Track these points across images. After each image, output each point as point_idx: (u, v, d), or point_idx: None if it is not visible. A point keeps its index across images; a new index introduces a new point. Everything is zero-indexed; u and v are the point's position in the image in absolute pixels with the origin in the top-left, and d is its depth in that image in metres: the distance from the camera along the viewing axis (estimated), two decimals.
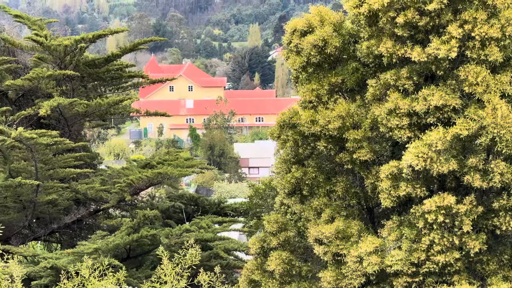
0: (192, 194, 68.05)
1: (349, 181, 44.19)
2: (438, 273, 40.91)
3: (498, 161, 39.21)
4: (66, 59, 58.82)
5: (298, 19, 45.80)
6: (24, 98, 58.83)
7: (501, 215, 41.23)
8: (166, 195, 61.94)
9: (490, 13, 41.38)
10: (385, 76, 41.43)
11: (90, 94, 60.27)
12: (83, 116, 57.47)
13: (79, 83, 59.25)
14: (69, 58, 58.92)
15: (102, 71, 60.38)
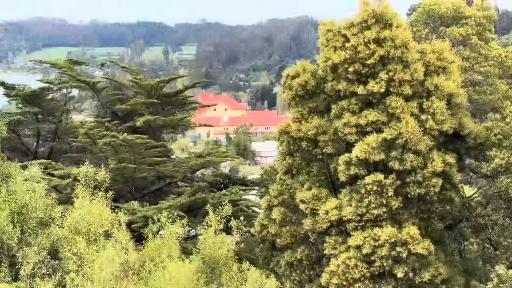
0: (226, 173, 70.78)
1: (321, 166, 50.62)
2: (374, 220, 46.06)
3: (409, 154, 45.25)
4: (152, 92, 63.46)
5: (290, 68, 52.32)
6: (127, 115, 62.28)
7: (410, 186, 46.39)
8: (211, 173, 65.02)
9: (404, 65, 46.86)
10: (342, 103, 47.80)
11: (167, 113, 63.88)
12: (162, 126, 61.94)
13: (160, 106, 62.57)
14: (154, 91, 63.36)
15: (173, 99, 65.66)
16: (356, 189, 46.91)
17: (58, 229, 38.10)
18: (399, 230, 45.85)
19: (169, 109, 60.45)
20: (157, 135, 57.66)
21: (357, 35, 47.30)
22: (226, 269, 34.12)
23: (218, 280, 32.96)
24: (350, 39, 47.29)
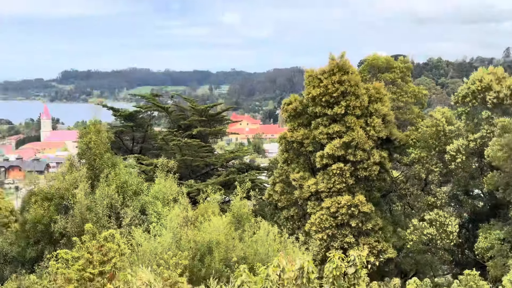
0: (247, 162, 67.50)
1: (305, 158, 50.15)
2: (337, 191, 45.61)
3: (358, 151, 45.08)
4: (202, 113, 61.89)
5: (286, 99, 51.92)
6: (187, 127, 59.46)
7: (359, 170, 46.23)
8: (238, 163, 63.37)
9: (356, 97, 46.49)
10: (317, 120, 47.64)
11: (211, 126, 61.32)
12: (208, 134, 60.45)
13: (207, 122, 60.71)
14: (203, 113, 61.89)
15: (215, 117, 64.17)
16: (327, 172, 47.00)
17: (145, 197, 38.37)
18: (352, 197, 46.24)
19: (213, 123, 60.34)
20: (205, 139, 57.69)
21: (327, 78, 47.46)
22: (247, 221, 34.18)
23: (242, 227, 33.00)
24: (323, 81, 47.45)
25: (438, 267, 50.37)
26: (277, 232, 33.46)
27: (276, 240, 32.32)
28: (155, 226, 31.69)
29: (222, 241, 29.77)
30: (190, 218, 32.65)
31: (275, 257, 11.81)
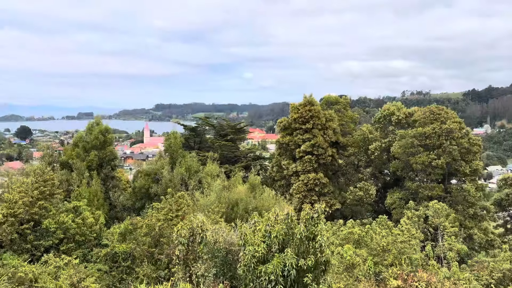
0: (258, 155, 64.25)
1: (290, 152, 47.51)
2: (308, 171, 44.13)
3: (319, 148, 43.61)
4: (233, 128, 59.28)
5: (280, 119, 50.22)
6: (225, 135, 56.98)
7: (321, 159, 44.57)
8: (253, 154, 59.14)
9: (318, 118, 45.45)
10: (296, 131, 46.08)
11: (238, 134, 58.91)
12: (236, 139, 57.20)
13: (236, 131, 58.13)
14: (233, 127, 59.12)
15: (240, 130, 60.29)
16: (302, 160, 45.83)
17: (201, 174, 38.01)
18: (316, 174, 45.26)
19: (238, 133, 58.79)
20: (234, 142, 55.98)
21: (302, 108, 46.65)
22: (258, 187, 33.81)
23: (255, 191, 32.63)
24: (300, 109, 46.74)
25: (364, 213, 49.99)
26: (274, 194, 33.28)
27: (273, 198, 32.11)
28: (206, 190, 31.82)
29: (243, 198, 29.60)
30: (226, 185, 32.54)
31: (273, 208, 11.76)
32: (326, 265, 10.29)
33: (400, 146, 46.50)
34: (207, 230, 11.80)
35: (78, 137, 38.47)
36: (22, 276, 13.32)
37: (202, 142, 57.18)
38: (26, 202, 19.82)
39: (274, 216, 10.92)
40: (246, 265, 10.13)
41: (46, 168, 23.27)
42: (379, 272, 19.93)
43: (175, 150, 40.12)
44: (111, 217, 34.64)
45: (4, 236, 18.93)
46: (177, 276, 10.54)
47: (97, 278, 16.88)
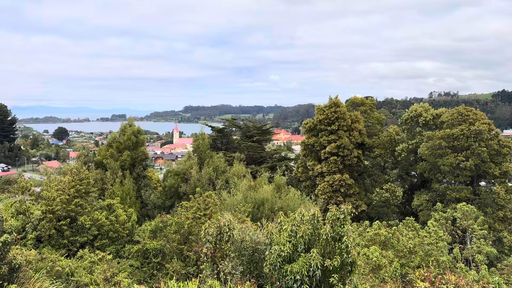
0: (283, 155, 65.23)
1: (315, 153, 47.25)
2: (333, 172, 44.01)
3: (345, 149, 43.22)
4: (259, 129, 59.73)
5: (305, 120, 49.87)
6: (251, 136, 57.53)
7: (346, 160, 44.08)
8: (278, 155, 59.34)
9: (343, 119, 44.89)
10: (322, 133, 45.87)
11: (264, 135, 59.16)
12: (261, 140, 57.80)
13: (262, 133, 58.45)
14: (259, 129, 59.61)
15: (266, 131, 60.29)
16: (327, 161, 45.60)
17: (228, 174, 38.17)
18: (341, 175, 44.89)
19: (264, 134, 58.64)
20: (260, 143, 55.98)
21: (327, 110, 46.37)
22: (283, 188, 33.68)
23: (280, 191, 32.51)
24: (325, 111, 46.42)
25: (390, 215, 48.93)
26: (299, 194, 33.07)
27: (299, 199, 31.93)
28: (233, 189, 31.93)
29: (269, 198, 29.49)
30: (252, 185, 32.55)
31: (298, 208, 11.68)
32: (352, 266, 10.12)
33: (427, 147, 45.28)
34: (234, 229, 11.84)
35: (112, 138, 39.43)
36: (59, 270, 13.73)
37: (229, 143, 57.39)
38: (63, 200, 20.43)
39: (300, 216, 10.79)
40: (272, 264, 10.09)
41: (82, 167, 23.90)
42: (406, 273, 19.43)
43: (203, 150, 40.51)
44: (143, 215, 35.37)
45: (43, 231, 19.65)
46: (205, 273, 10.63)
47: (129, 273, 17.25)
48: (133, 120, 40.16)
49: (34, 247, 18.55)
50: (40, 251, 16.81)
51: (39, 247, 18.99)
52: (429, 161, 46.12)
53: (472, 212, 32.98)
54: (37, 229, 20.02)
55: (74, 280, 13.65)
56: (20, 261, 10.05)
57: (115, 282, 13.72)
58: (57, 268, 13.74)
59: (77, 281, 13.55)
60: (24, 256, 11.84)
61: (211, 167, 37.76)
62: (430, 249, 23.17)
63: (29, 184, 24.14)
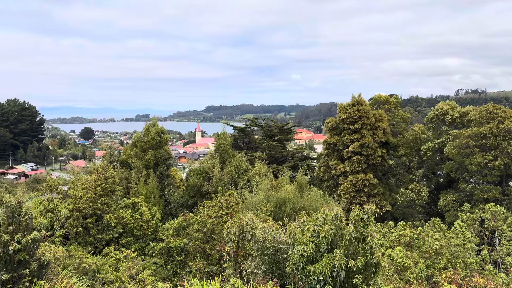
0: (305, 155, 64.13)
1: (338, 152, 47.01)
2: (356, 172, 43.60)
3: (368, 149, 42.65)
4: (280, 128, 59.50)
5: (327, 119, 49.54)
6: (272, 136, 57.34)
7: (370, 160, 43.77)
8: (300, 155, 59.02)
9: (367, 118, 44.42)
10: (344, 132, 45.53)
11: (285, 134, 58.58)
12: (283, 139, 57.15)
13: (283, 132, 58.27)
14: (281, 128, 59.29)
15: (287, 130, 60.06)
16: (350, 161, 45.24)
17: (250, 173, 38.24)
18: (365, 175, 44.42)
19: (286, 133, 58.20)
20: (282, 142, 55.49)
21: (350, 108, 46.01)
22: (306, 188, 33.49)
23: (302, 191, 32.37)
24: (348, 109, 46.04)
25: (416, 215, 48.10)
26: (322, 194, 32.82)
27: (321, 198, 31.69)
28: (255, 189, 31.98)
29: (291, 198, 29.38)
30: (273, 185, 32.50)
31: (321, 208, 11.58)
32: (376, 267, 9.94)
33: (454, 146, 44.29)
34: (256, 228, 11.83)
35: (136, 138, 40.14)
36: (86, 266, 14.04)
37: (251, 142, 57.48)
38: (90, 198, 20.86)
39: (323, 216, 10.67)
40: (295, 264, 10.02)
41: (108, 166, 24.37)
42: (431, 275, 18.98)
43: (225, 150, 40.73)
44: (166, 213, 35.84)
45: (71, 229, 20.12)
46: (228, 272, 10.68)
47: (153, 271, 17.46)
48: (156, 120, 40.76)
49: (61, 244, 19.06)
50: (67, 248, 17.21)
51: (66, 244, 19.41)
52: (456, 160, 45.10)
53: (501, 212, 32.10)
54: (65, 227, 20.52)
55: (100, 277, 13.93)
56: (49, 258, 10.35)
57: (140, 280, 13.95)
58: (83, 265, 14.05)
59: (103, 278, 13.82)
60: (53, 253, 12.23)
61: (233, 166, 37.92)
62: (457, 251, 22.59)
63: (57, 183, 24.71)
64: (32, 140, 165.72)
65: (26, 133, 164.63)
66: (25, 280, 9.38)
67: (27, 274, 9.51)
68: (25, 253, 9.66)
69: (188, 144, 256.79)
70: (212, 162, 39.30)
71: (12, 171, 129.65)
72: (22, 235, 9.75)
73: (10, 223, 9.89)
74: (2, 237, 9.61)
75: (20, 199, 10.34)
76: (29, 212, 10.32)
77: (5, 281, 9.28)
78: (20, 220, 10.03)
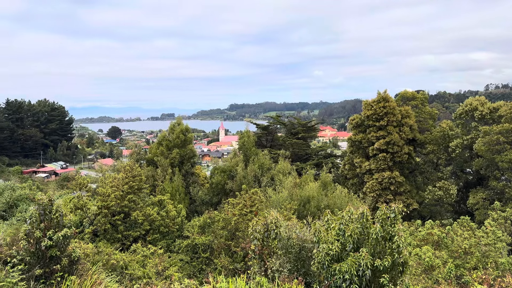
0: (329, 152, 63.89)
1: (363, 150, 46.37)
2: (382, 169, 42.84)
3: (394, 146, 41.89)
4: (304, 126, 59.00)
5: (352, 116, 49.08)
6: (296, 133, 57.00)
7: (396, 157, 43.14)
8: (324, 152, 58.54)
9: (393, 115, 43.55)
10: (370, 129, 44.81)
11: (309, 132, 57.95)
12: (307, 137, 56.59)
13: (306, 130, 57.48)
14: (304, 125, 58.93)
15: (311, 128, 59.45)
16: (376, 158, 44.47)
17: (273, 171, 38.16)
18: (391, 173, 43.59)
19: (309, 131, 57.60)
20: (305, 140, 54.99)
21: (376, 105, 45.23)
22: (330, 186, 33.23)
23: (326, 189, 32.13)
24: (373, 106, 45.25)
25: (444, 214, 47.06)
26: (346, 192, 32.45)
27: (346, 196, 31.34)
28: (278, 187, 31.95)
29: (315, 196, 29.24)
30: (297, 183, 32.40)
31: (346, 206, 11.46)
32: (403, 267, 9.77)
33: (484, 143, 42.93)
34: (281, 226, 11.82)
35: (162, 136, 40.72)
36: (114, 263, 14.37)
37: (274, 140, 57.28)
38: (118, 196, 21.32)
39: (348, 214, 10.57)
40: (320, 263, 9.98)
41: (135, 165, 24.83)
42: (461, 275, 18.52)
43: (248, 148, 40.78)
44: (191, 211, 36.22)
45: (99, 226, 20.69)
46: (253, 269, 10.70)
47: (179, 267, 17.73)
48: (181, 119, 41.15)
49: (90, 241, 19.53)
50: (96, 245, 17.64)
51: (95, 241, 19.87)
52: (485, 157, 43.77)
53: None
54: (94, 224, 21.05)
55: (128, 273, 14.19)
56: (79, 254, 10.58)
57: (167, 276, 14.14)
58: (112, 261, 14.38)
59: (131, 274, 14.08)
60: (82, 249, 12.58)
61: (256, 164, 37.96)
62: (488, 250, 21.88)
63: (86, 181, 25.36)
64: (61, 139, 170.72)
65: (56, 132, 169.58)
66: (57, 276, 9.63)
67: (59, 269, 9.77)
68: (57, 249, 9.93)
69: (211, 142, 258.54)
70: (236, 160, 39.49)
71: (43, 170, 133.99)
72: (53, 231, 10.03)
73: (42, 220, 10.16)
74: (34, 234, 9.90)
75: (51, 197, 10.61)
76: (60, 209, 10.57)
77: (38, 276, 9.57)
78: (52, 217, 10.30)
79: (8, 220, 28.86)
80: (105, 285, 10.18)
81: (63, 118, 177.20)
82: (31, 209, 10.73)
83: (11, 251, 10.34)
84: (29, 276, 9.55)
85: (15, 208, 31.84)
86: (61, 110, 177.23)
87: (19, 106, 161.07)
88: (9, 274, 9.18)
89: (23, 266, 9.75)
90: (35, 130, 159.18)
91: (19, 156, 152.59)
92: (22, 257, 9.98)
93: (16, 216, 29.54)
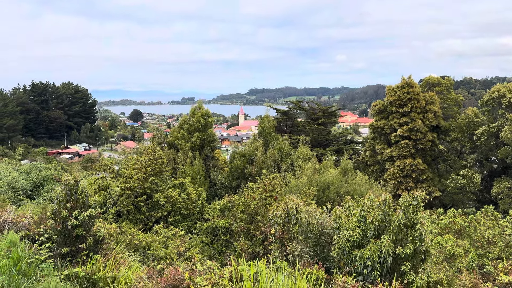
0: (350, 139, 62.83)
1: (385, 137, 45.95)
2: (404, 156, 42.36)
3: (417, 133, 41.21)
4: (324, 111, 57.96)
5: (374, 102, 48.15)
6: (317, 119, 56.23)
7: (419, 144, 42.28)
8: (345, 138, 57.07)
9: (417, 101, 42.62)
10: (392, 115, 44.15)
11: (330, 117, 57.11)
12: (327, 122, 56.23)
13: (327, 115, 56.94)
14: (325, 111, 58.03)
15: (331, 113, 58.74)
16: (398, 145, 43.97)
17: (293, 156, 38.08)
18: (413, 160, 43.03)
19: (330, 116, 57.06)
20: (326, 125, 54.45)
21: (399, 90, 44.42)
22: (349, 172, 33.04)
23: (346, 175, 31.96)
24: (397, 92, 44.46)
25: (466, 202, 46.21)
26: (367, 179, 32.20)
27: (366, 183, 31.12)
28: (298, 172, 31.90)
29: (335, 182, 29.15)
30: (317, 169, 32.28)
31: (366, 193, 11.37)
32: (425, 255, 9.71)
33: (511, 131, 41.82)
34: (301, 212, 11.82)
35: (183, 120, 40.99)
36: (137, 243, 14.68)
37: (294, 125, 56.91)
38: (140, 178, 21.68)
39: (369, 201, 10.50)
40: (341, 249, 10.03)
41: (156, 148, 25.13)
42: (483, 265, 18.24)
43: (268, 133, 40.66)
44: (211, 194, 36.55)
45: (122, 207, 21.14)
46: (273, 253, 10.80)
47: (200, 249, 17.98)
48: (202, 103, 41.29)
49: (114, 221, 19.92)
50: (119, 225, 17.95)
51: (118, 221, 20.25)
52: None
53: None
54: (117, 205, 21.49)
55: (150, 253, 14.52)
56: (103, 234, 10.90)
57: (188, 257, 14.40)
58: (135, 241, 14.69)
59: (153, 254, 14.40)
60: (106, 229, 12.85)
61: (276, 149, 37.89)
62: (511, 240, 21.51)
63: (110, 163, 25.84)
64: (85, 121, 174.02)
65: (79, 114, 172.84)
66: (82, 254, 9.91)
67: (84, 248, 10.05)
68: (82, 228, 10.19)
69: (231, 126, 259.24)
70: (256, 145, 39.47)
71: (67, 151, 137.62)
72: (79, 211, 10.29)
73: (68, 200, 10.42)
74: (61, 213, 10.18)
75: (77, 178, 10.87)
76: (85, 190, 10.82)
77: (65, 254, 9.88)
78: (77, 197, 10.54)
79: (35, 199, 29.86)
80: (128, 264, 10.36)
81: (86, 101, 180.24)
82: (57, 189, 10.98)
83: (39, 230, 10.72)
84: (56, 254, 9.84)
85: (41, 188, 32.87)
86: (84, 93, 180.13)
87: (44, 89, 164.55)
88: (37, 252, 9.45)
89: (50, 244, 10.05)
90: (59, 112, 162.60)
91: (44, 138, 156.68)
92: (49, 235, 10.28)
93: (43, 195, 30.72)
